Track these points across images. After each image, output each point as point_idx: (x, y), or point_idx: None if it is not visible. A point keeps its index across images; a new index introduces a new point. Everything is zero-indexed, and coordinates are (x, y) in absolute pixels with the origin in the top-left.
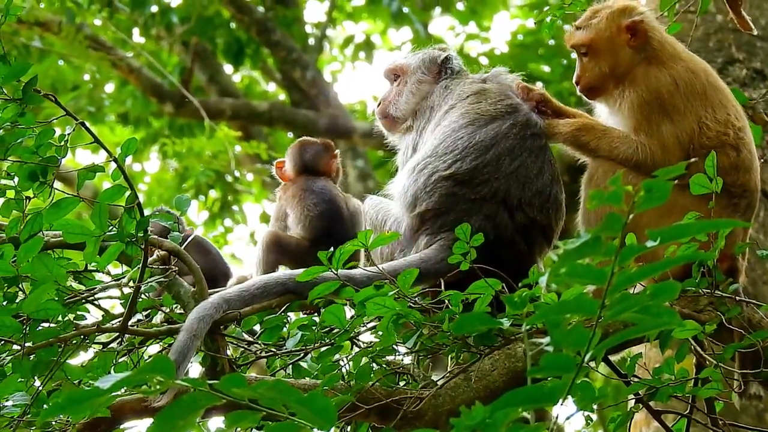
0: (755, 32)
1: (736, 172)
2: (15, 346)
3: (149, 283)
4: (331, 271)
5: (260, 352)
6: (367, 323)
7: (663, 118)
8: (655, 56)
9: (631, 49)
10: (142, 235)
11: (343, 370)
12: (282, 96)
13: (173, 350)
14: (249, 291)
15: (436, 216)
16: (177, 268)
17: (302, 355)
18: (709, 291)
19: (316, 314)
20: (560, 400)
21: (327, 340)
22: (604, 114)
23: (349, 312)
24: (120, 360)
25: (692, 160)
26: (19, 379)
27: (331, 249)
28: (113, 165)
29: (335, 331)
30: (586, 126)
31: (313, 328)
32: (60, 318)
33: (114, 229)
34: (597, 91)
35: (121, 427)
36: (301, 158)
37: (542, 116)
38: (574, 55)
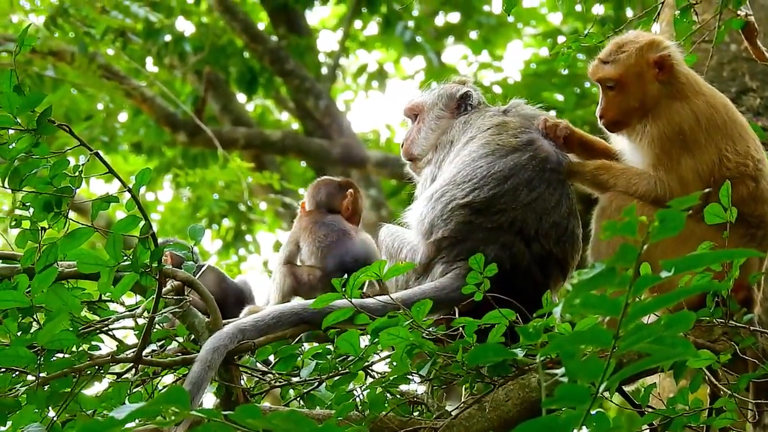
0: None
1: (755, 203)
2: (29, 377)
3: (163, 314)
4: (345, 299)
5: (274, 382)
6: (381, 353)
7: (683, 153)
8: (679, 90)
9: (658, 84)
10: (156, 265)
11: (357, 399)
12: (295, 125)
13: (187, 381)
14: (264, 321)
15: (452, 244)
16: (191, 298)
17: (317, 384)
18: (723, 321)
19: (330, 344)
20: (575, 431)
21: (341, 369)
22: (624, 146)
23: (364, 341)
24: (134, 390)
25: (707, 190)
26: (34, 410)
27: (345, 276)
28: (127, 195)
29: (350, 359)
30: (604, 166)
31: (328, 356)
32: (74, 348)
33: (128, 259)
34: (621, 125)
35: None
36: (316, 196)
37: (567, 150)
38: (587, 84)
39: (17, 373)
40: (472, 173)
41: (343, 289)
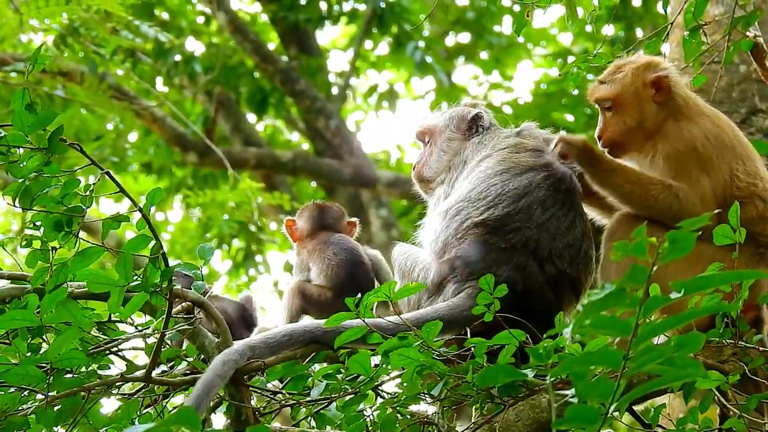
0: None
1: (764, 223)
2: (39, 396)
3: (173, 332)
4: (359, 318)
5: (284, 402)
6: (392, 373)
7: (700, 171)
8: (681, 111)
9: (655, 105)
10: (166, 285)
11: (368, 420)
12: (306, 145)
13: (196, 387)
14: (275, 338)
15: (465, 264)
16: (201, 318)
17: (326, 404)
18: (732, 341)
19: (340, 364)
20: None
21: (351, 389)
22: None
23: (374, 361)
24: (144, 411)
25: (716, 211)
26: (43, 429)
27: (359, 295)
28: (137, 214)
29: (360, 379)
30: (621, 168)
31: (338, 376)
32: (84, 368)
33: (138, 279)
34: (620, 146)
35: None
36: (319, 221)
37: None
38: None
39: (27, 391)
40: (487, 190)
41: (357, 308)
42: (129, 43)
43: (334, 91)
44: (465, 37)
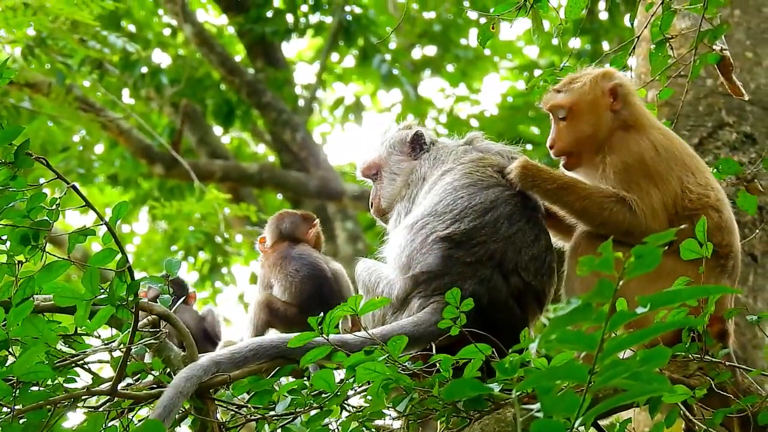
0: (746, 98)
1: (721, 233)
2: (5, 409)
3: (139, 346)
4: (323, 337)
5: (250, 416)
6: (357, 388)
7: (649, 183)
8: (633, 122)
9: (611, 114)
10: (132, 298)
11: None
12: (272, 158)
13: (158, 405)
14: (241, 353)
15: (430, 279)
16: (167, 331)
17: (291, 418)
18: (699, 356)
19: (306, 379)
20: None
21: (316, 404)
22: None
23: (339, 374)
24: (110, 424)
25: (682, 227)
26: None
27: (321, 315)
28: (103, 228)
29: (325, 395)
30: (570, 183)
31: (303, 391)
32: (50, 381)
33: (104, 292)
34: (572, 156)
35: None
36: (279, 228)
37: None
38: None
39: None
40: (453, 204)
41: (320, 326)
42: (97, 53)
43: (301, 103)
44: (431, 50)
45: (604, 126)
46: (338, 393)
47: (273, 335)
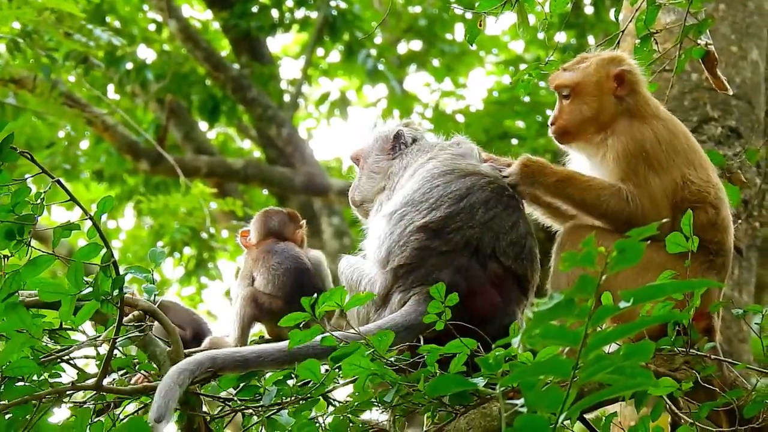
0: (731, 92)
1: (715, 230)
2: None
3: (123, 340)
4: (314, 320)
5: (236, 409)
6: (342, 381)
7: (649, 171)
8: (638, 110)
9: (615, 99)
10: (117, 293)
11: (320, 427)
12: (257, 153)
13: (159, 389)
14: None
15: (408, 272)
16: (153, 325)
17: (277, 410)
18: (684, 350)
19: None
20: None
21: (301, 395)
22: (582, 164)
23: (325, 366)
24: (96, 420)
25: (665, 220)
26: None
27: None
28: (88, 223)
29: (310, 384)
30: (570, 176)
31: (289, 382)
32: (35, 376)
33: (89, 287)
34: (570, 135)
35: None
36: (266, 226)
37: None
38: (550, 112)
39: None
40: (430, 192)
41: (312, 309)
42: (83, 46)
43: (286, 98)
44: (417, 45)
45: (605, 110)
46: (324, 382)
47: (270, 347)
